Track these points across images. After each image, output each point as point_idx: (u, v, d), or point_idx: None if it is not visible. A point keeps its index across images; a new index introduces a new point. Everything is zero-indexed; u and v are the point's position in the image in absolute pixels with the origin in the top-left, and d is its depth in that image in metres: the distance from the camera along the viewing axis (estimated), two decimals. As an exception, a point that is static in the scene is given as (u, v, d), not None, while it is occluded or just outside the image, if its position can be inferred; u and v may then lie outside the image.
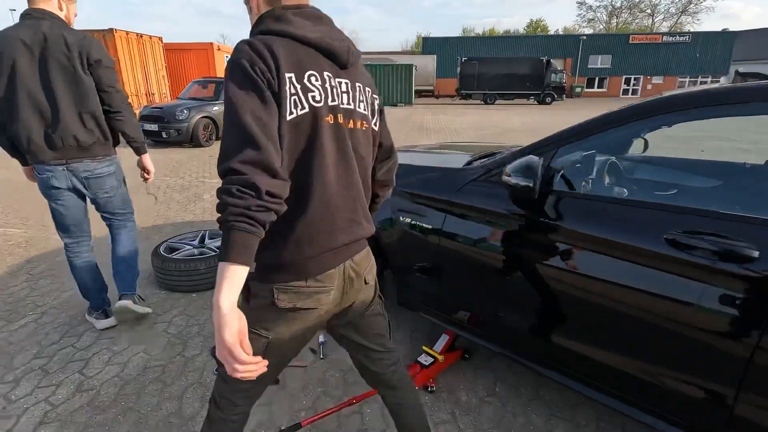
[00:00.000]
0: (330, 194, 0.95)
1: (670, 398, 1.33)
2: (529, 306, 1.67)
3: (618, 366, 1.44)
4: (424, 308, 2.11)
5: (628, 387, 1.44)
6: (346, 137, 0.98)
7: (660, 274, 1.28)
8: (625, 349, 1.42)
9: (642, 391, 1.40)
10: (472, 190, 1.82)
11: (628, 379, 1.42)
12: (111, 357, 2.20)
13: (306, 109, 0.89)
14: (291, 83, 0.86)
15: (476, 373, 2.11)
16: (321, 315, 1.04)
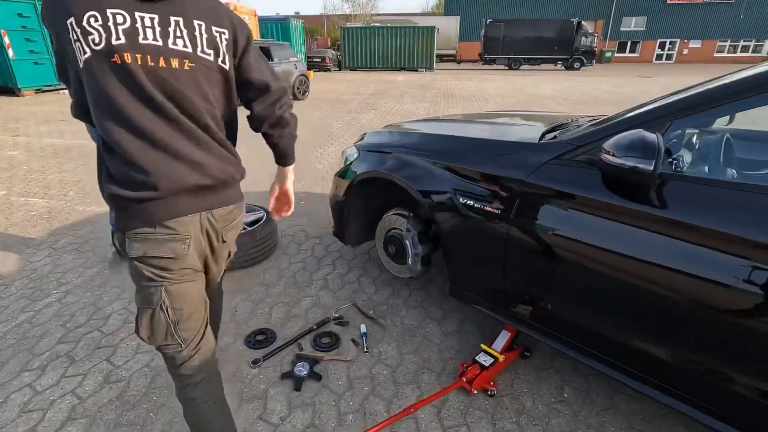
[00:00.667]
0: (135, 136, 0.95)
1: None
2: (625, 310, 1.41)
3: (733, 385, 1.19)
4: (482, 301, 1.88)
5: (740, 407, 1.19)
6: (150, 76, 0.94)
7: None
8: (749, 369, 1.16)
9: (754, 412, 1.15)
10: (553, 171, 1.53)
11: (742, 401, 1.17)
12: (140, 344, 2.04)
13: (88, 53, 0.90)
14: (72, 29, 0.89)
15: (539, 375, 1.89)
16: (188, 266, 1.06)
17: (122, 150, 0.95)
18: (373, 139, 2.42)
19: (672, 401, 1.35)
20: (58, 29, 0.92)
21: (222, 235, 1.14)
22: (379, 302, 2.40)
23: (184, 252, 1.04)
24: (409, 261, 2.15)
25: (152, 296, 1.05)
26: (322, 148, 5.81)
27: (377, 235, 2.41)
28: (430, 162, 1.93)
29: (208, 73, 1.02)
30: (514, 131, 2.02)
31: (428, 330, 2.17)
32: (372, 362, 1.95)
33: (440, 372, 1.89)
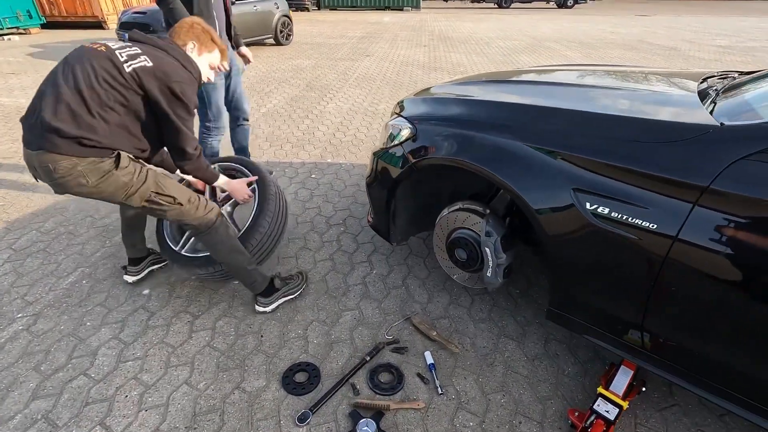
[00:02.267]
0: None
1: None
2: None
3: None
4: (598, 332, 1.43)
5: None
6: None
7: None
8: None
9: None
10: (760, 173, 1.02)
11: None
12: (193, 320, 1.77)
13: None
14: None
15: (664, 418, 1.50)
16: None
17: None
18: (424, 110, 1.84)
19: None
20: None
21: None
22: (438, 315, 1.94)
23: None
24: (489, 273, 1.67)
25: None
26: (321, 105, 5.10)
27: (437, 234, 1.90)
28: (534, 148, 1.39)
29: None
30: (655, 101, 1.47)
31: (508, 354, 1.74)
32: (452, 408, 1.52)
33: (541, 420, 1.48)
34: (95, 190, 1.50)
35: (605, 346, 1.44)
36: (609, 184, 1.23)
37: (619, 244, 1.24)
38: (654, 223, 1.16)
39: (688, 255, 1.13)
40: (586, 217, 1.28)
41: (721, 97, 1.46)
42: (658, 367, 1.33)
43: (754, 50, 9.41)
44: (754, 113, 1.21)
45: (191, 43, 1.70)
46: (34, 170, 1.50)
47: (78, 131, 1.39)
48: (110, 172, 1.47)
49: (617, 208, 1.22)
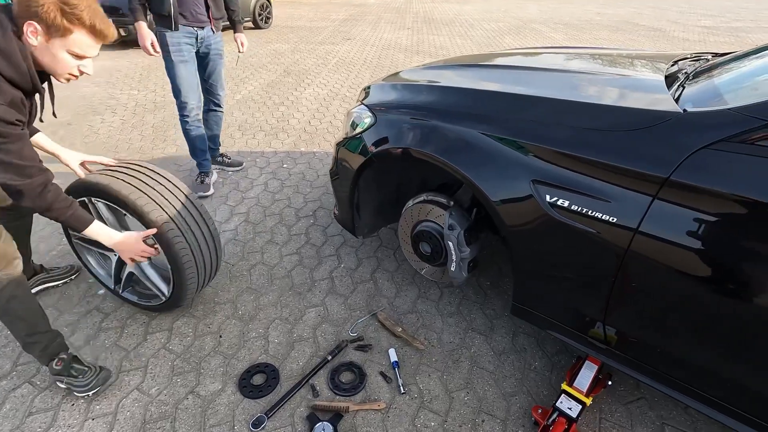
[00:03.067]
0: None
1: None
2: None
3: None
4: (562, 327, 1.39)
5: None
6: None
7: None
8: None
9: None
10: (720, 162, 0.96)
11: None
12: (149, 321, 1.48)
13: None
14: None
15: (629, 412, 1.47)
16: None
17: None
18: (388, 97, 1.74)
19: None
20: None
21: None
22: (405, 310, 1.88)
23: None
24: (453, 268, 1.61)
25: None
26: (297, 91, 4.95)
27: (401, 227, 1.83)
28: (493, 137, 1.31)
29: None
30: (619, 86, 1.40)
31: (475, 349, 1.70)
32: (413, 408, 1.47)
33: (505, 419, 1.44)
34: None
35: (569, 342, 1.39)
36: (568, 176, 1.17)
37: (579, 237, 1.18)
38: (614, 216, 1.10)
39: (648, 250, 1.07)
40: (545, 209, 1.21)
41: (690, 81, 1.39)
42: (621, 363, 1.29)
43: (738, 30, 9.38)
44: (721, 99, 1.14)
45: (32, 24, 1.10)
46: None
47: None
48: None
49: (577, 200, 1.16)
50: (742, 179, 0.94)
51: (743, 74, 1.35)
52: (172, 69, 2.48)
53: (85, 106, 4.43)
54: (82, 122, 4.02)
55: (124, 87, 5.09)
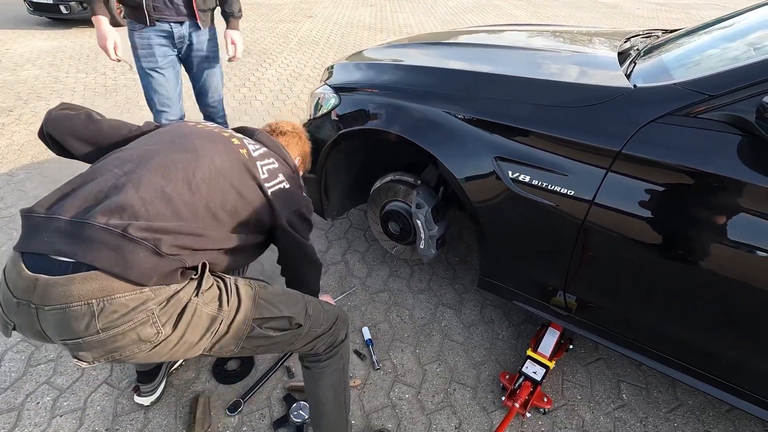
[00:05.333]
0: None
1: None
2: (746, 325, 1.04)
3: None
4: (526, 297, 1.46)
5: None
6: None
7: None
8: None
9: None
10: (667, 135, 1.02)
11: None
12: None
13: None
14: None
15: (589, 372, 1.57)
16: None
17: None
18: (352, 76, 1.73)
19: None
20: None
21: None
22: (377, 289, 1.91)
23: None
24: (421, 245, 1.65)
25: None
26: (259, 72, 4.79)
27: (370, 208, 1.84)
28: (453, 114, 1.33)
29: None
30: (574, 63, 1.44)
31: (445, 323, 1.76)
32: (388, 382, 1.52)
33: (475, 386, 1.52)
34: (161, 350, 0.82)
35: (533, 311, 1.46)
36: (528, 152, 1.21)
37: (540, 210, 1.23)
38: (571, 189, 1.16)
39: (603, 220, 1.14)
40: (507, 185, 1.25)
41: (641, 57, 1.45)
42: (581, 327, 1.38)
43: (689, 7, 9.76)
44: (669, 75, 1.20)
45: (299, 158, 1.39)
46: (27, 317, 0.75)
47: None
48: (189, 303, 0.82)
49: (537, 175, 1.20)
50: (686, 151, 1.00)
51: (690, 50, 1.42)
52: (143, 77, 1.99)
53: (27, 91, 4.13)
54: (25, 108, 3.75)
55: (70, 69, 4.76)
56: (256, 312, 0.93)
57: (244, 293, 0.92)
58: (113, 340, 0.75)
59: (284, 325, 0.98)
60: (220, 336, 0.88)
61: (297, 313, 1.00)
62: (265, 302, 0.96)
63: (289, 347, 1.04)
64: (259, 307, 0.94)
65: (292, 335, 1.01)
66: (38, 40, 5.78)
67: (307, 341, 1.06)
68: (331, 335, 1.11)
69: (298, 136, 1.40)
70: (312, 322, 1.04)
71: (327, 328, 1.09)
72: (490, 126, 1.26)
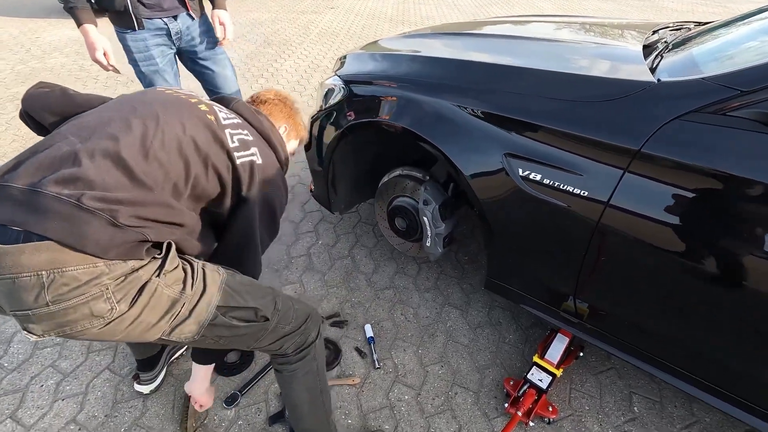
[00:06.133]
0: None
1: None
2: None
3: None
4: (535, 302, 1.39)
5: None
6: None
7: None
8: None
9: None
10: (692, 134, 0.94)
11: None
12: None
13: None
14: None
15: (599, 382, 1.50)
16: None
17: None
18: (363, 66, 1.67)
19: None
20: None
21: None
22: (383, 285, 1.87)
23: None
24: (428, 243, 1.60)
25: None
26: (278, 63, 4.78)
27: (377, 202, 1.79)
28: (463, 108, 1.27)
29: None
30: (595, 55, 1.35)
31: (451, 324, 1.70)
32: (388, 382, 1.48)
33: (478, 390, 1.46)
34: (116, 328, 0.78)
35: (542, 315, 1.40)
36: (540, 149, 1.14)
37: (551, 211, 1.17)
38: (585, 190, 1.08)
39: (618, 224, 1.06)
40: (517, 183, 1.19)
41: (670, 51, 1.36)
42: (592, 336, 1.31)
43: (727, 0, 9.28)
44: (697, 69, 1.11)
45: (284, 126, 1.28)
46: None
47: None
48: (150, 282, 0.79)
49: (549, 173, 1.13)
50: (713, 152, 0.92)
51: (723, 43, 1.31)
52: (143, 80, 1.91)
53: (52, 78, 4.23)
54: (50, 95, 3.83)
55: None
56: (221, 299, 0.88)
57: (210, 278, 0.88)
58: (64, 313, 0.72)
59: (250, 316, 0.93)
60: (181, 320, 0.84)
61: (264, 306, 0.96)
62: (231, 290, 0.91)
63: (255, 343, 0.99)
64: (225, 294, 0.89)
65: (258, 329, 0.96)
66: (67, 29, 5.91)
67: (275, 338, 1.01)
68: (301, 334, 1.05)
69: (282, 103, 1.28)
70: (280, 318, 0.99)
71: (296, 326, 1.04)
72: (500, 120, 1.20)
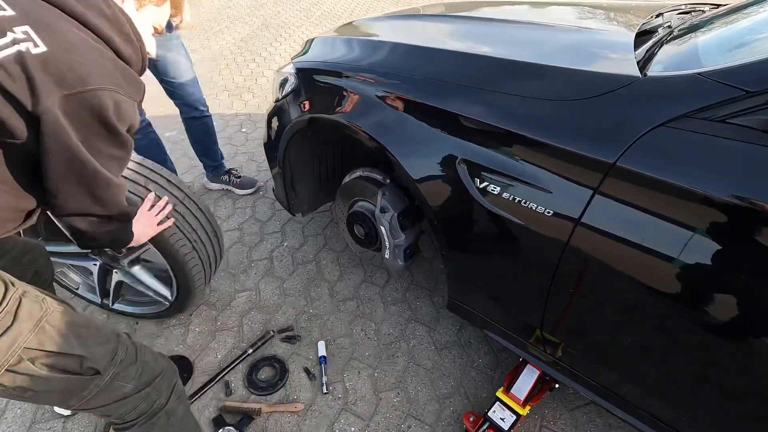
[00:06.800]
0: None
1: None
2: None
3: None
4: (500, 329, 1.21)
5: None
6: None
7: None
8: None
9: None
10: (682, 147, 0.74)
11: None
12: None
13: None
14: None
15: (575, 418, 1.31)
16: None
17: None
18: (323, 53, 1.48)
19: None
20: None
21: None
22: (346, 296, 1.71)
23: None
24: (387, 255, 1.42)
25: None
26: (272, 47, 4.58)
27: (338, 206, 1.62)
28: (417, 100, 1.07)
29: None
30: (573, 43, 1.13)
31: (415, 343, 1.53)
32: (335, 410, 1.33)
33: (434, 424, 1.30)
34: None
35: (508, 345, 1.22)
36: (498, 157, 0.94)
37: (512, 230, 0.98)
38: (550, 209, 0.89)
39: (590, 250, 0.87)
40: (473, 195, 1.00)
41: (673, 39, 1.13)
42: (563, 374, 1.12)
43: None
44: (697, 61, 0.89)
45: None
46: None
47: None
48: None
49: (508, 186, 0.94)
50: (708, 169, 0.71)
51: (740, 30, 1.08)
52: None
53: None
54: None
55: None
56: (33, 339, 0.68)
57: (25, 311, 0.68)
58: None
59: (71, 366, 0.72)
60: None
61: (96, 355, 0.75)
62: (55, 331, 0.71)
63: (79, 403, 0.77)
64: (42, 334, 0.69)
65: (81, 384, 0.75)
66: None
67: (109, 400, 0.79)
68: (145, 398, 0.83)
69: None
70: (117, 373, 0.78)
71: (139, 386, 0.82)
72: (453, 119, 1.00)
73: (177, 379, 0.94)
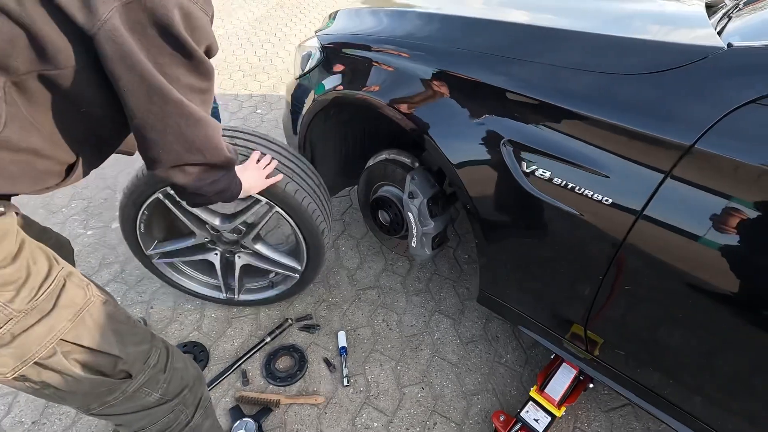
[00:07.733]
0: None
1: None
2: None
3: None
4: (537, 325, 1.13)
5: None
6: None
7: None
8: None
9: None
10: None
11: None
12: None
13: None
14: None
15: (611, 420, 1.24)
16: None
17: None
18: (350, 25, 1.38)
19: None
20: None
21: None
22: (366, 285, 1.64)
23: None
24: (413, 243, 1.34)
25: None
26: (288, 27, 4.46)
27: (361, 190, 1.53)
28: (462, 75, 0.98)
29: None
30: (642, 14, 1.02)
31: (439, 336, 1.46)
32: (356, 404, 1.27)
33: (461, 422, 1.23)
34: None
35: (543, 342, 1.14)
36: (552, 137, 0.85)
37: (561, 219, 0.89)
38: (609, 197, 0.80)
39: (653, 245, 0.78)
40: (518, 180, 0.91)
41: (740, 10, 1.01)
42: (605, 375, 1.04)
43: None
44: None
45: None
46: None
47: None
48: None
49: (560, 171, 0.85)
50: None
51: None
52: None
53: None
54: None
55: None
56: (71, 331, 0.61)
57: (69, 295, 0.61)
58: None
59: (104, 366, 0.66)
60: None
61: (131, 357, 0.69)
62: (95, 324, 0.64)
63: (100, 407, 0.69)
64: (81, 325, 0.62)
65: (109, 388, 0.68)
66: None
67: (129, 410, 0.72)
68: (169, 412, 0.77)
69: None
70: (148, 378, 0.72)
71: (166, 396, 0.76)
72: (498, 96, 0.91)
73: (204, 390, 0.86)
